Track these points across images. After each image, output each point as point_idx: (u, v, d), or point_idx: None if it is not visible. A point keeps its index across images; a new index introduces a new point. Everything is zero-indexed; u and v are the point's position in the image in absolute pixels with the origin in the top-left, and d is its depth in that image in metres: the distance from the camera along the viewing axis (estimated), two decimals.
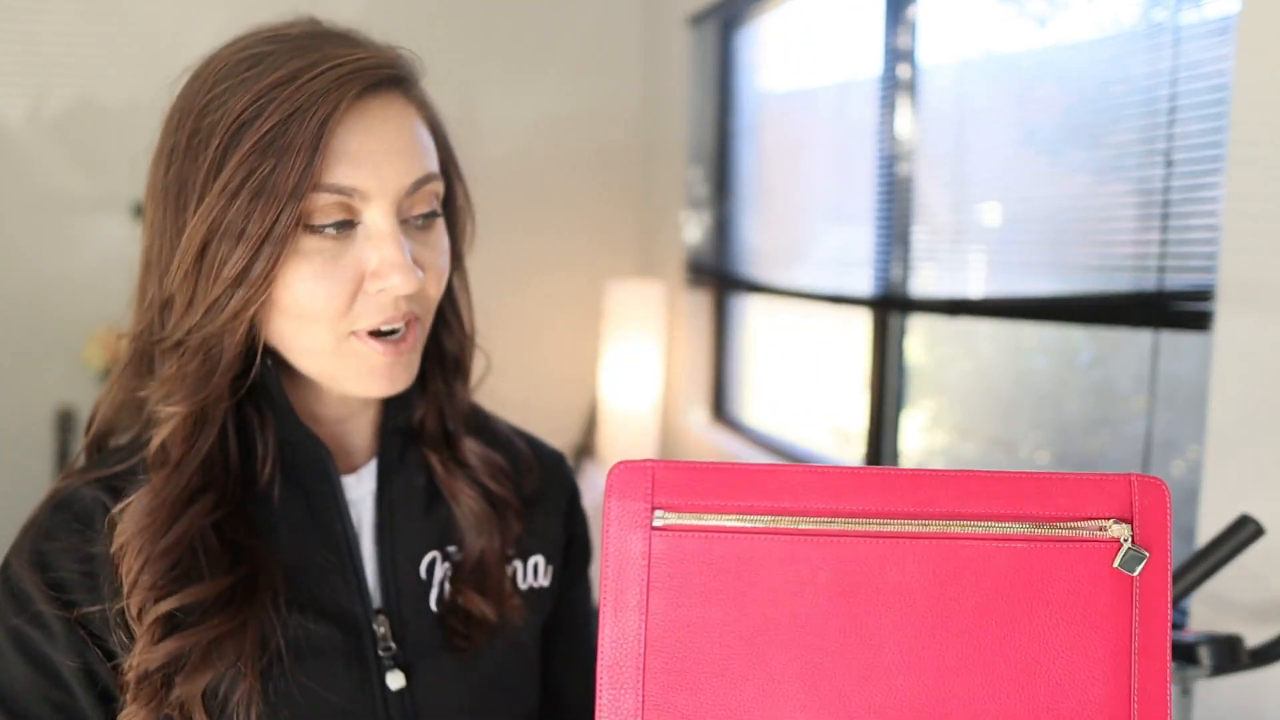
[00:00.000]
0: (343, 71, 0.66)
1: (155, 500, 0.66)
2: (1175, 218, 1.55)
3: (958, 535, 0.57)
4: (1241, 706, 1.36)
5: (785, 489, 0.56)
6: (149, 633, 0.64)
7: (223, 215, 0.64)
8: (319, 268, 0.67)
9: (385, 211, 0.68)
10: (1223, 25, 1.46)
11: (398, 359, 0.71)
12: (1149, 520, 0.57)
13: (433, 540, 0.79)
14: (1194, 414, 1.55)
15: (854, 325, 2.52)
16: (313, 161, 0.64)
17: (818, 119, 2.78)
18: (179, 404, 0.68)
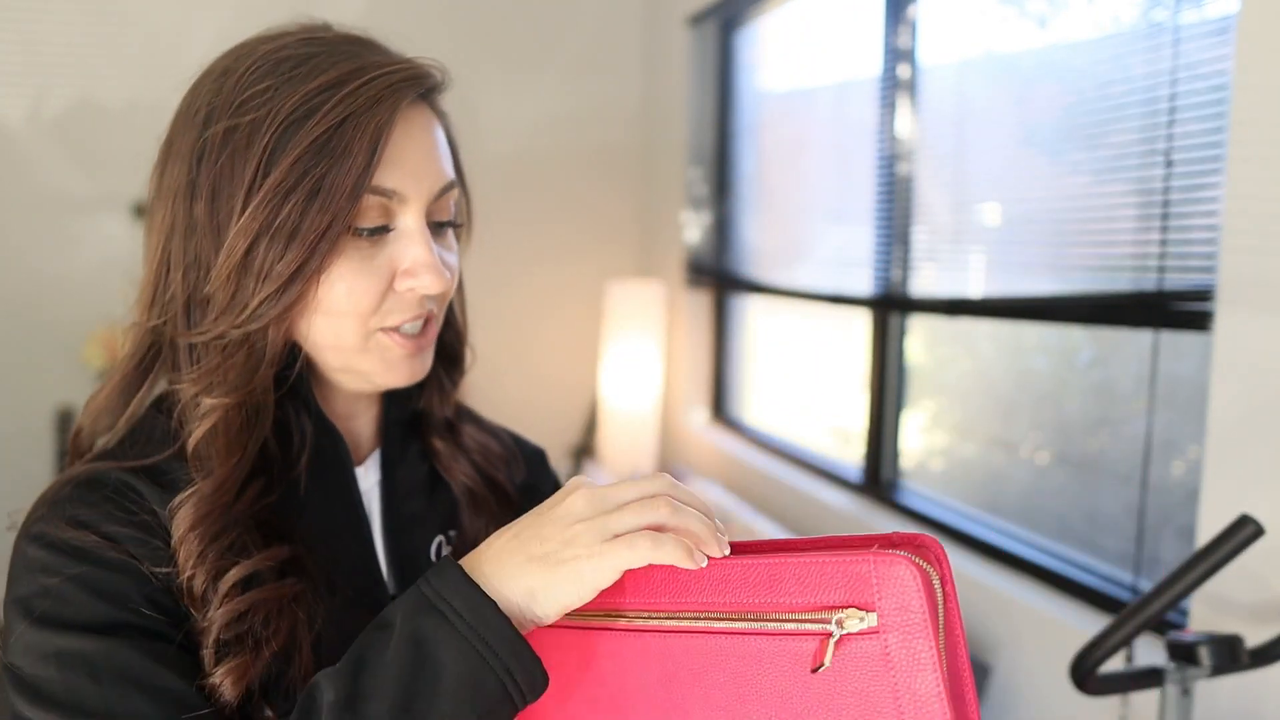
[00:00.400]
0: (394, 79, 0.69)
1: (216, 491, 0.67)
2: (1175, 218, 1.55)
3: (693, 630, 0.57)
4: (1241, 706, 1.36)
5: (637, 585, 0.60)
6: (230, 595, 0.65)
7: (274, 214, 0.66)
8: (356, 266, 0.69)
9: (417, 214, 0.71)
10: (1223, 25, 1.46)
11: (419, 353, 0.74)
12: (897, 607, 0.51)
13: (437, 525, 0.82)
14: (1194, 414, 1.55)
15: (854, 325, 2.52)
16: (370, 165, 0.66)
17: (818, 119, 2.78)
18: (224, 396, 0.69)
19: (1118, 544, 1.73)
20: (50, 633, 0.62)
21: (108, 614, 0.63)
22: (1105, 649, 1.21)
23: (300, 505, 0.74)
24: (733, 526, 2.52)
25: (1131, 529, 1.68)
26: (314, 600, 0.70)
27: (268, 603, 0.67)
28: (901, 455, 2.36)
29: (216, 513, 0.67)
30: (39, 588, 0.63)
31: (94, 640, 0.61)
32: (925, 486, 2.27)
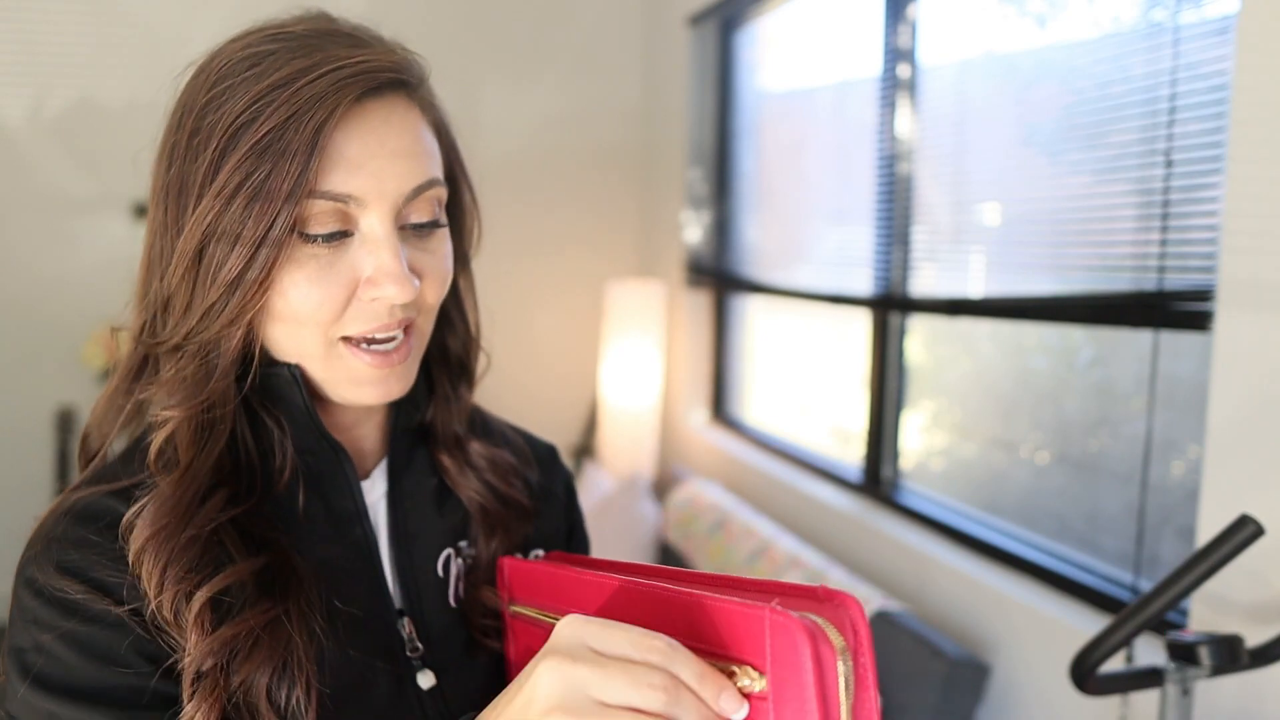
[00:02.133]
0: (341, 75, 0.65)
1: (167, 504, 0.65)
2: (1175, 218, 1.55)
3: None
4: (1241, 706, 1.36)
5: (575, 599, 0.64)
6: (198, 625, 0.63)
7: (219, 218, 0.64)
8: (313, 273, 0.66)
9: (382, 218, 0.67)
10: (1223, 25, 1.46)
11: (390, 369, 0.70)
12: (784, 668, 0.47)
13: (446, 538, 0.79)
14: (1194, 414, 1.55)
15: (854, 325, 2.52)
16: (308, 167, 0.63)
17: (818, 119, 2.78)
18: (177, 407, 0.67)
19: (1118, 544, 1.73)
20: (43, 694, 0.62)
21: (98, 677, 0.62)
22: (1105, 649, 1.21)
23: (296, 525, 0.71)
24: (732, 527, 2.52)
25: (1131, 529, 1.68)
26: (308, 617, 0.67)
27: (246, 632, 0.64)
28: (901, 455, 2.36)
29: (171, 526, 0.64)
30: (33, 642, 0.63)
31: (84, 710, 0.61)
32: (925, 486, 2.27)
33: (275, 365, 0.70)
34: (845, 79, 2.61)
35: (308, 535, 0.71)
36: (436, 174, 0.70)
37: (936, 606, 2.00)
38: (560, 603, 0.66)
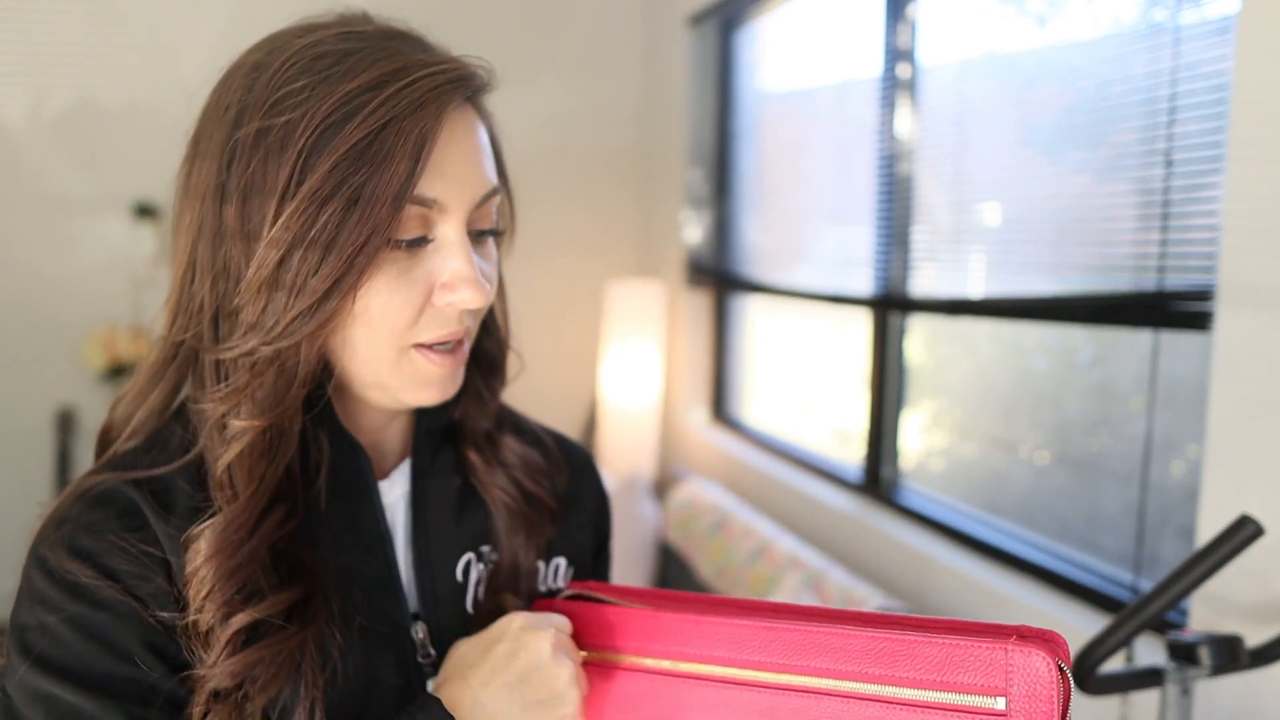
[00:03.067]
0: (440, 81, 0.65)
1: (236, 520, 0.64)
2: (1175, 218, 1.55)
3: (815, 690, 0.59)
4: (1241, 706, 1.36)
5: (667, 635, 0.64)
6: (229, 645, 0.63)
7: (310, 224, 0.61)
8: (393, 278, 0.65)
9: (458, 224, 0.67)
10: (1223, 25, 1.46)
11: (454, 370, 0.71)
12: (1028, 695, 0.53)
13: (467, 542, 0.77)
14: (1194, 414, 1.55)
15: (854, 325, 2.52)
16: (414, 173, 0.62)
17: (818, 119, 2.78)
18: (253, 418, 0.65)
19: (1118, 544, 1.73)
20: (43, 675, 0.62)
21: (101, 665, 0.62)
22: (1105, 649, 1.21)
23: (320, 523, 0.70)
24: (732, 527, 2.52)
25: (1131, 529, 1.68)
26: (326, 636, 0.66)
27: (271, 657, 0.64)
28: (901, 455, 2.36)
29: (235, 543, 0.64)
30: (37, 622, 0.63)
31: (83, 696, 0.61)
32: (925, 486, 2.27)
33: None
34: (845, 79, 2.61)
35: (328, 539, 0.71)
36: (497, 182, 0.72)
37: (937, 606, 2.00)
38: (670, 643, 0.64)
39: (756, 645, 0.60)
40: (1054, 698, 0.53)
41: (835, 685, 0.58)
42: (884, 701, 0.57)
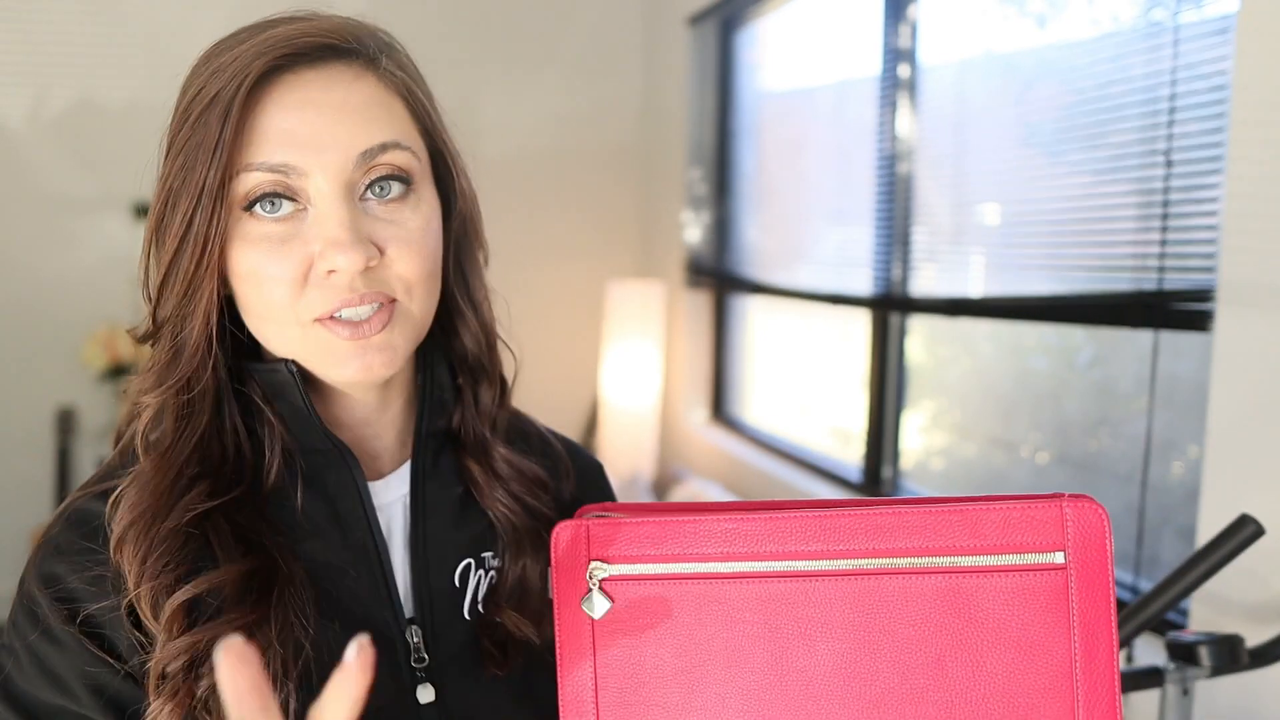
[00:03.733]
0: (263, 44, 0.65)
1: (147, 488, 0.65)
2: (1175, 218, 1.55)
3: (878, 571, 0.59)
4: (1241, 706, 1.36)
5: (708, 537, 0.61)
6: (168, 626, 0.63)
7: (164, 207, 0.66)
8: (265, 251, 0.65)
9: (328, 186, 0.65)
10: (1223, 25, 1.46)
11: (365, 342, 0.66)
12: (1085, 545, 0.57)
13: (467, 547, 0.76)
14: (1194, 414, 1.55)
15: (854, 325, 2.52)
16: (221, 135, 0.63)
17: (818, 119, 2.78)
18: (150, 391, 0.68)
19: (1118, 544, 1.73)
20: (4, 701, 0.65)
21: (49, 699, 0.64)
22: None
23: (295, 527, 0.69)
24: None
25: (1131, 529, 1.68)
26: (294, 624, 0.65)
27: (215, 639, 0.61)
28: (901, 455, 2.36)
29: (151, 512, 0.64)
30: (9, 645, 0.66)
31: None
32: (925, 486, 2.27)
33: (274, 362, 0.69)
34: (845, 79, 2.61)
35: (306, 537, 0.70)
36: (395, 138, 0.67)
37: None
38: (714, 545, 0.61)
39: (808, 535, 0.59)
40: (1107, 546, 0.56)
41: (896, 563, 0.59)
42: (947, 572, 0.58)
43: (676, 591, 0.61)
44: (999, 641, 0.57)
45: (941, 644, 0.58)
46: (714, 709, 0.60)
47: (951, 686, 0.58)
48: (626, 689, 0.61)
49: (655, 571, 0.61)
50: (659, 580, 0.61)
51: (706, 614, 0.60)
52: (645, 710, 0.61)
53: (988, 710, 0.57)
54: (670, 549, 0.61)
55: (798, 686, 0.59)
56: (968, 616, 0.58)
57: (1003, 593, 0.57)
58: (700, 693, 0.60)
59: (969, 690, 0.58)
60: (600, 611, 0.62)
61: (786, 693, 0.59)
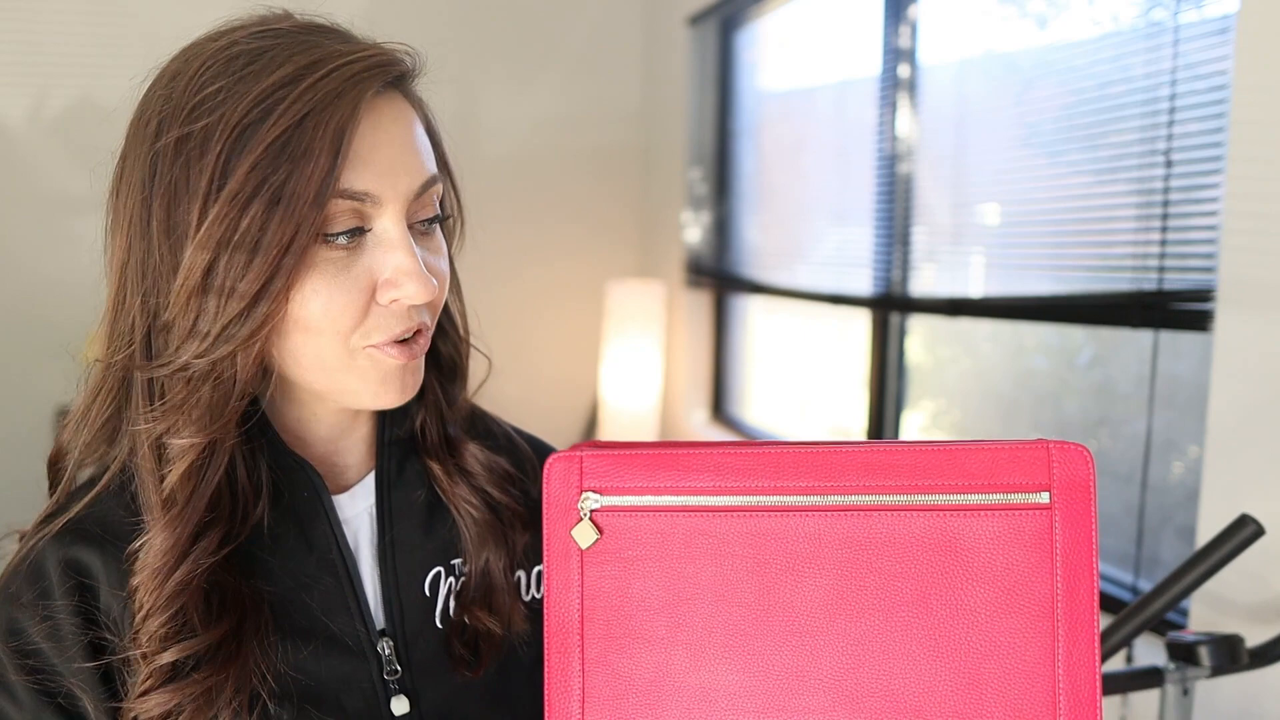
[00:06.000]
0: (355, 70, 0.62)
1: (173, 536, 0.64)
2: (1175, 218, 1.55)
3: (866, 507, 0.60)
4: (1241, 706, 1.36)
5: (701, 470, 0.61)
6: (149, 680, 0.63)
7: (234, 227, 0.60)
8: (331, 277, 0.63)
9: (395, 217, 0.64)
10: (1223, 25, 1.46)
11: (413, 363, 0.68)
12: (1069, 487, 0.58)
13: (436, 555, 0.75)
14: (1194, 414, 1.55)
15: (854, 325, 2.52)
16: (335, 166, 0.61)
17: (818, 119, 2.78)
18: (193, 435, 0.64)
19: (1118, 544, 1.73)
20: None
21: None
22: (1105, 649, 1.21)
23: (263, 544, 0.69)
24: None
25: (1131, 529, 1.68)
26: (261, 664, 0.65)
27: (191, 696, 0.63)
28: None
29: (169, 567, 0.63)
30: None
31: None
32: None
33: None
34: (845, 79, 2.61)
35: (275, 556, 0.69)
36: (435, 170, 0.68)
37: None
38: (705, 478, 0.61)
39: (799, 471, 0.60)
40: (1091, 487, 0.58)
41: (884, 500, 0.59)
42: (934, 510, 0.59)
43: (667, 524, 0.61)
44: (983, 579, 0.58)
45: (927, 581, 0.59)
46: (700, 642, 0.61)
47: (936, 623, 0.59)
48: (612, 620, 0.61)
49: (647, 504, 0.61)
50: (650, 512, 0.61)
51: (696, 547, 0.61)
52: (630, 642, 0.61)
53: (971, 647, 0.58)
54: (662, 481, 0.61)
55: (784, 621, 0.60)
56: (953, 554, 0.59)
57: (988, 531, 0.58)
58: (686, 626, 0.61)
59: (953, 627, 0.59)
60: (589, 542, 0.62)
61: (773, 627, 0.60)
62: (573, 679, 0.61)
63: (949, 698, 0.58)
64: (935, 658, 0.59)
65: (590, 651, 0.61)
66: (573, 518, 0.62)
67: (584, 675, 0.61)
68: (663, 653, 0.61)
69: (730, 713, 0.60)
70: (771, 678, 0.60)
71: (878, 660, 0.59)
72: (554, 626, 0.62)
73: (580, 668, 0.61)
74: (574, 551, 0.62)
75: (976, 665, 0.58)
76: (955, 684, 0.58)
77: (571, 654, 0.61)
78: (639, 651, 0.61)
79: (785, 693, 0.60)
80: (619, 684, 0.61)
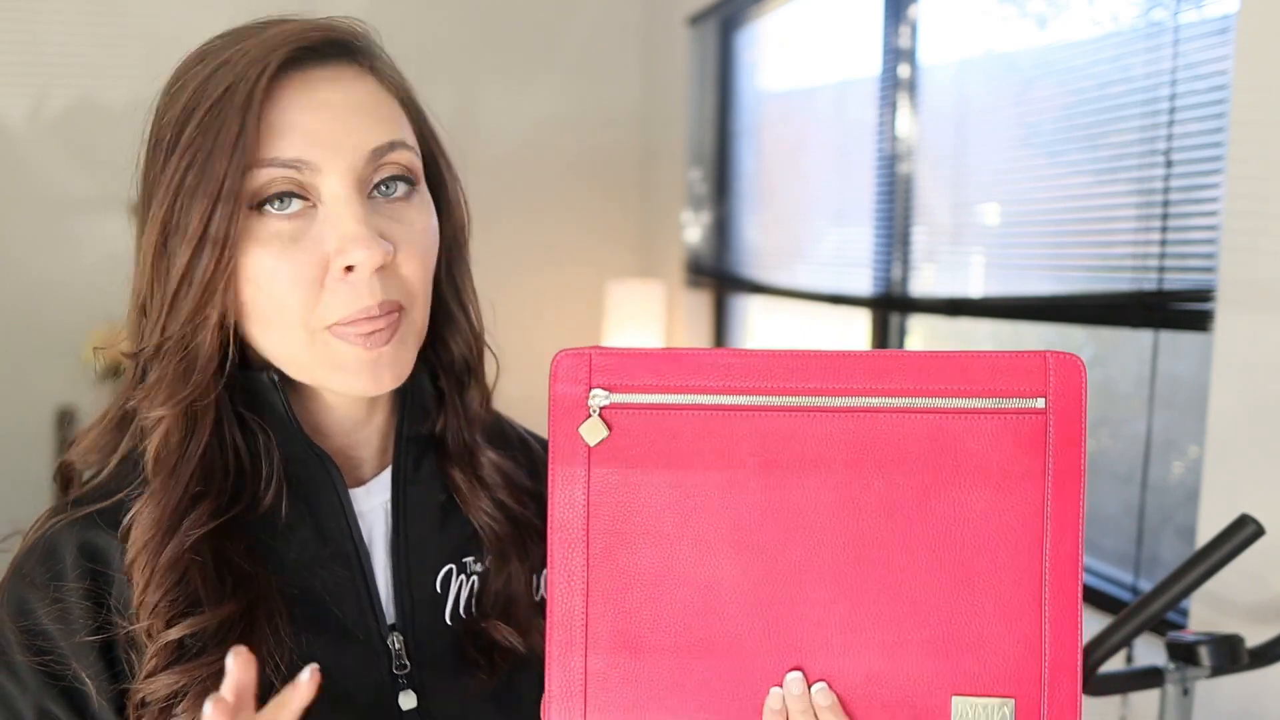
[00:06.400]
0: (276, 41, 0.64)
1: (159, 509, 0.65)
2: (1175, 218, 1.55)
3: (872, 409, 0.61)
4: (1241, 706, 1.36)
5: (711, 370, 0.62)
6: (155, 658, 0.63)
7: (172, 209, 0.63)
8: (277, 251, 0.64)
9: (341, 182, 0.64)
10: (1223, 25, 1.46)
11: (377, 354, 0.66)
12: (1063, 394, 0.60)
13: (449, 552, 0.75)
14: (1194, 414, 1.55)
15: (854, 325, 2.52)
16: (242, 131, 0.61)
17: (818, 119, 2.78)
18: (161, 407, 0.65)
19: (1118, 544, 1.73)
20: None
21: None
22: (1105, 649, 1.21)
23: (276, 537, 0.69)
24: None
25: (1131, 529, 1.68)
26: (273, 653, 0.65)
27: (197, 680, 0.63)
28: None
29: (160, 537, 0.64)
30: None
31: None
32: None
33: (256, 370, 0.69)
34: (845, 79, 2.61)
35: (289, 546, 0.69)
36: (402, 138, 0.67)
37: None
38: (712, 378, 0.62)
39: (807, 373, 0.61)
40: (1083, 396, 0.60)
41: (887, 403, 0.61)
42: (936, 413, 0.61)
43: (675, 422, 0.62)
44: (980, 479, 0.61)
45: (928, 481, 0.61)
46: (706, 540, 0.61)
47: (935, 522, 0.61)
48: (619, 518, 0.62)
49: (655, 401, 0.62)
50: (658, 410, 0.62)
51: (704, 445, 0.62)
52: (637, 540, 0.62)
53: (966, 544, 0.61)
54: (671, 380, 0.62)
55: (789, 519, 0.61)
56: (953, 455, 0.61)
57: (987, 433, 0.61)
58: (693, 524, 0.61)
59: (950, 525, 0.61)
60: (597, 438, 0.62)
61: (778, 525, 0.61)
62: (576, 575, 0.62)
63: (944, 592, 0.61)
64: (933, 554, 0.61)
65: (595, 547, 0.62)
66: (581, 414, 0.62)
67: (588, 571, 0.62)
68: (668, 548, 0.61)
69: (733, 605, 0.61)
70: (775, 572, 0.61)
71: (879, 556, 0.61)
72: (558, 524, 0.62)
73: (585, 563, 0.62)
74: (581, 449, 0.62)
75: (970, 562, 0.61)
76: (950, 579, 0.61)
77: (576, 551, 0.62)
78: (645, 547, 0.62)
79: (788, 586, 0.61)
80: (624, 578, 0.62)
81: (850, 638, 0.61)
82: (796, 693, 0.60)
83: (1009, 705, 0.61)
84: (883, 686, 0.61)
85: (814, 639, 0.61)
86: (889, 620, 0.61)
